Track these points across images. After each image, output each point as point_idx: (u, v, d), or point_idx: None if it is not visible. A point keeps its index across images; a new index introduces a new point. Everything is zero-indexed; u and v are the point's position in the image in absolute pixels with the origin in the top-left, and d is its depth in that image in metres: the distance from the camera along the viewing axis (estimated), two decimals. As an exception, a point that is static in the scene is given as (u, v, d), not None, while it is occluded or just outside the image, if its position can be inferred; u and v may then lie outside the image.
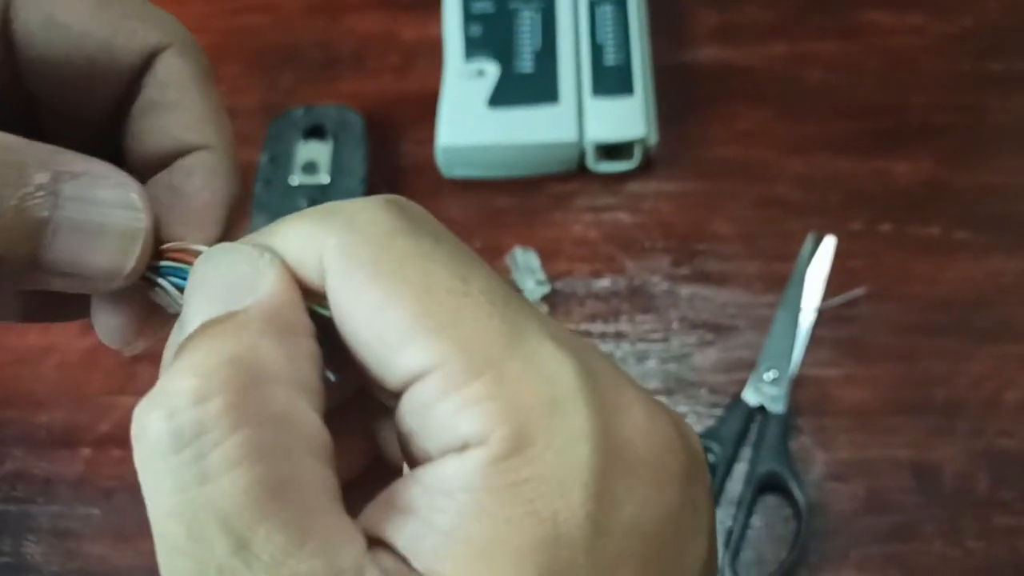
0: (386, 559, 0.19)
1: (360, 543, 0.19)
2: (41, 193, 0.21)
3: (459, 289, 0.20)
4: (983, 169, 0.61)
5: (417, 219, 0.21)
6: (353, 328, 0.20)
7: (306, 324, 0.21)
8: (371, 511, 0.20)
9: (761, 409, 0.54)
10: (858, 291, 0.57)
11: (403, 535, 0.19)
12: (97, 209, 0.22)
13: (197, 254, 0.23)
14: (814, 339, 0.56)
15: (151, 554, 0.58)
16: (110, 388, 0.57)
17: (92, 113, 0.25)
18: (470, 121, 0.61)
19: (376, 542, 0.19)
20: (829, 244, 0.58)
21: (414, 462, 0.20)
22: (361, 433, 0.24)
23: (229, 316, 0.20)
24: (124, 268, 0.22)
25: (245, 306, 0.20)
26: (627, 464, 0.19)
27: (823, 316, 0.57)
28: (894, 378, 0.55)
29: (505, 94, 0.61)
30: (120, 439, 0.55)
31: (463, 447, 0.19)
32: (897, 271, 0.58)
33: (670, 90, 0.63)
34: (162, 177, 0.25)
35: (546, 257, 0.59)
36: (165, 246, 0.23)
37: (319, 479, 0.19)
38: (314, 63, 0.66)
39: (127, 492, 0.54)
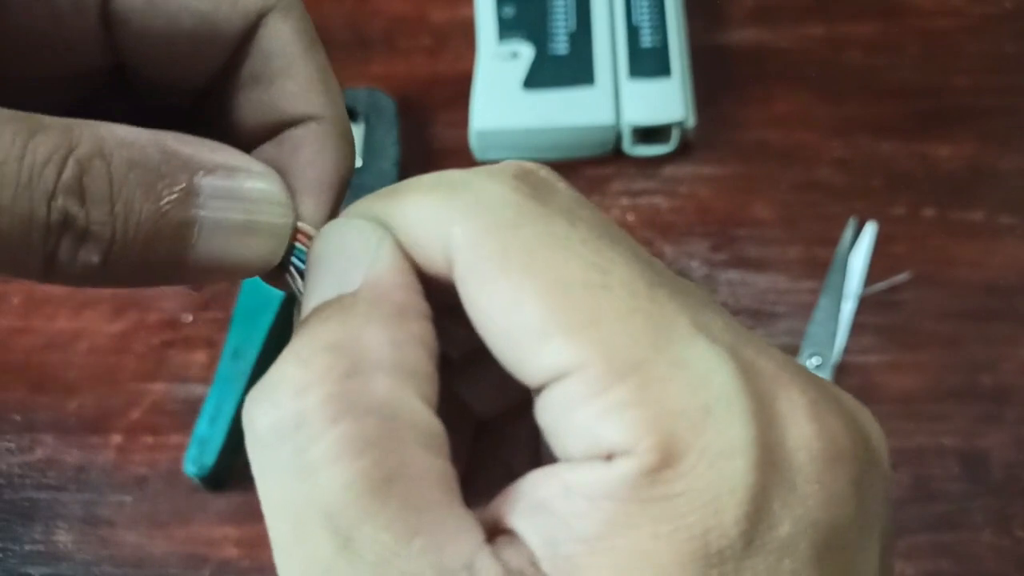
0: (509, 553, 0.18)
1: (475, 537, 0.18)
2: (182, 192, 0.20)
3: (597, 282, 0.18)
4: (1027, 152, 0.60)
5: (549, 193, 0.20)
6: (486, 323, 0.19)
7: (418, 306, 0.20)
8: (502, 501, 0.19)
9: (804, 396, 0.53)
10: (902, 276, 0.56)
11: (539, 534, 0.18)
12: (242, 206, 0.21)
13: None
14: (857, 325, 0.55)
15: (184, 541, 0.57)
16: (141, 374, 0.56)
17: (193, 83, 0.24)
18: (504, 104, 0.60)
19: (501, 532, 0.18)
20: (870, 229, 0.57)
21: (552, 457, 0.19)
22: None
23: (337, 300, 0.19)
24: (272, 263, 0.22)
25: (354, 288, 0.20)
26: (788, 479, 0.18)
27: (866, 302, 0.56)
28: (939, 364, 0.54)
29: (540, 76, 0.60)
30: (152, 425, 0.55)
31: (608, 455, 0.18)
32: (941, 256, 0.57)
33: (707, 72, 0.62)
34: (268, 149, 0.24)
35: (582, 242, 0.58)
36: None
37: (429, 471, 0.18)
38: (345, 45, 0.65)
39: (159, 479, 0.53)
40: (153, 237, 0.20)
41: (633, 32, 0.61)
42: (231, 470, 0.53)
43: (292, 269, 0.22)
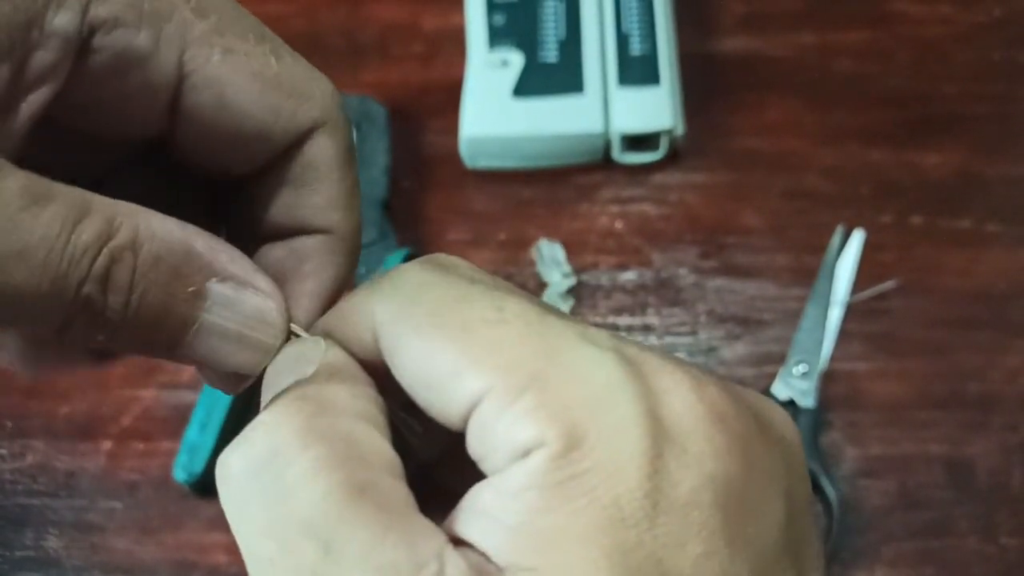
0: (469, 553, 0.20)
1: (441, 537, 0.20)
2: (191, 293, 0.23)
3: (494, 318, 0.21)
4: (1015, 160, 0.60)
5: (452, 268, 0.23)
6: (410, 379, 0.22)
7: (366, 378, 0.23)
8: (450, 518, 0.21)
9: (791, 404, 0.53)
10: (889, 284, 0.56)
11: (477, 533, 0.20)
12: (240, 319, 0.23)
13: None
14: (844, 333, 0.55)
15: (174, 547, 0.58)
16: (132, 380, 0.56)
17: (232, 173, 0.26)
18: (494, 112, 0.60)
19: (458, 543, 0.20)
20: (858, 237, 0.57)
21: None
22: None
23: (295, 382, 0.22)
24: (253, 374, 0.24)
25: (310, 373, 0.22)
26: (679, 441, 0.20)
27: (853, 309, 0.56)
28: (926, 372, 0.54)
29: (530, 84, 0.60)
30: (142, 432, 0.55)
31: (525, 454, 0.20)
32: (928, 264, 0.57)
33: (697, 80, 0.62)
34: (278, 249, 0.26)
35: (572, 249, 0.58)
36: None
37: (394, 488, 0.21)
38: (337, 51, 0.65)
39: (150, 485, 0.54)
40: (155, 327, 0.22)
41: (623, 40, 0.61)
42: (221, 476, 0.53)
43: None
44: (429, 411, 0.22)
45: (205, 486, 0.52)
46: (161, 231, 0.22)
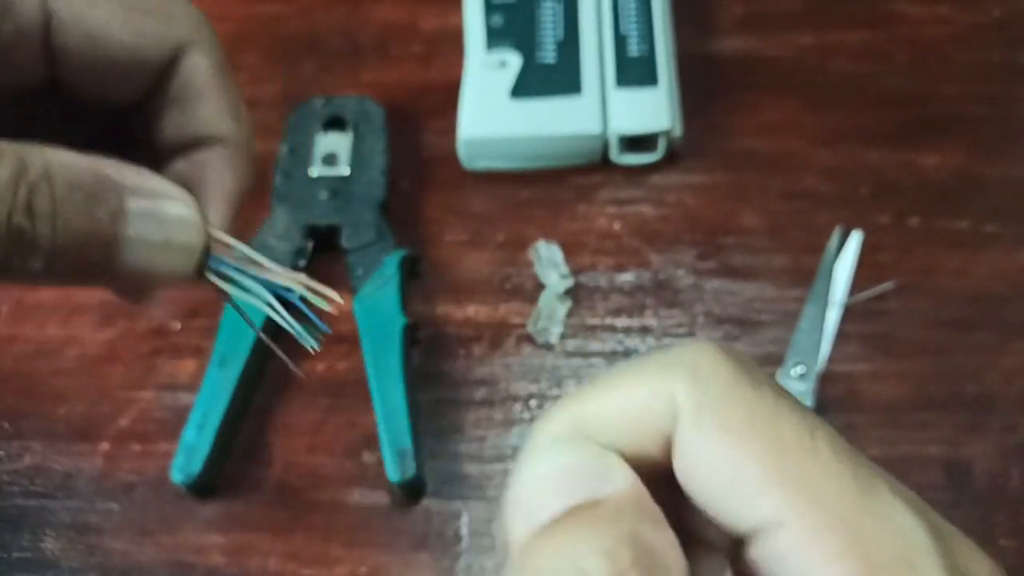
0: None
1: None
2: (111, 213, 0.24)
3: (807, 444, 0.21)
4: (1014, 161, 0.60)
5: (751, 368, 0.22)
6: (706, 475, 0.21)
7: (662, 514, 0.21)
8: None
9: (789, 405, 0.53)
10: (887, 285, 0.56)
11: None
12: (162, 227, 0.25)
13: (231, 248, 0.27)
14: (842, 334, 0.55)
15: (172, 549, 0.57)
16: (130, 382, 0.56)
17: (122, 101, 0.28)
18: (492, 113, 0.60)
19: None
20: (856, 238, 0.57)
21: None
22: None
23: (597, 502, 0.21)
24: (188, 273, 0.26)
25: (607, 495, 0.21)
26: None
27: (851, 310, 0.56)
28: (924, 373, 0.54)
29: (527, 85, 0.60)
30: (140, 433, 0.55)
31: None
32: (927, 265, 0.57)
33: (695, 80, 0.62)
34: (180, 164, 0.28)
35: (569, 250, 0.58)
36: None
37: None
38: (335, 52, 0.65)
39: (147, 487, 0.54)
40: (85, 248, 0.24)
41: (621, 41, 0.61)
42: (218, 478, 0.53)
43: (215, 274, 0.26)
44: (714, 514, 0.21)
45: (202, 487, 0.52)
46: (69, 162, 0.24)
